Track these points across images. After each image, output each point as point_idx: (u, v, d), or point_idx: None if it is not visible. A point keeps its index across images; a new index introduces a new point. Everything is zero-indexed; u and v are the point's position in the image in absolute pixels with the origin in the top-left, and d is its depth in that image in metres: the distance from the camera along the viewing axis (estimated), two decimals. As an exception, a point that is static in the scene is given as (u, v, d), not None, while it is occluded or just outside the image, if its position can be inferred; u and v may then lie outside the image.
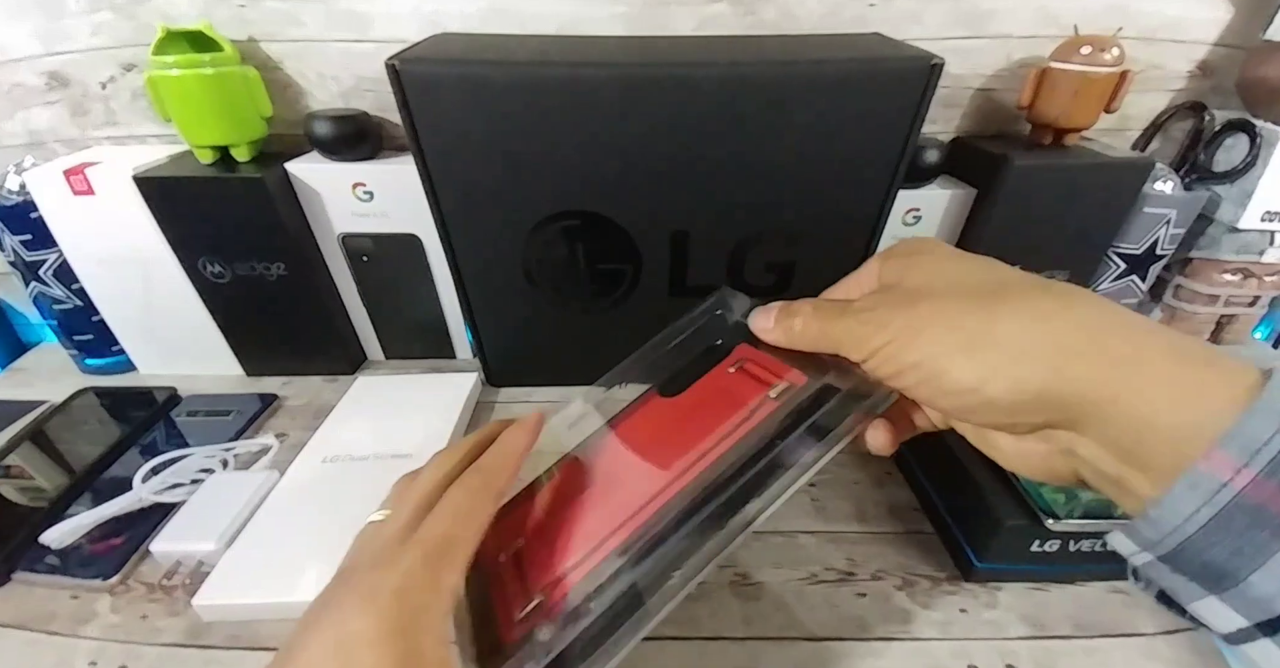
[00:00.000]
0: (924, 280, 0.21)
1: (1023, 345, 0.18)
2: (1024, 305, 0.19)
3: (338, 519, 0.38)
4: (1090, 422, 0.17)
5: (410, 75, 0.36)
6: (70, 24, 0.47)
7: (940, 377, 0.19)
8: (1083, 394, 0.17)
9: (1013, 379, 0.18)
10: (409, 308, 0.54)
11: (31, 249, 0.48)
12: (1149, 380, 0.16)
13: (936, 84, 0.37)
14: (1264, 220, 0.48)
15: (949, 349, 0.19)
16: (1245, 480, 0.14)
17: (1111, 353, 0.17)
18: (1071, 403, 0.17)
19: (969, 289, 0.20)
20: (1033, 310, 0.18)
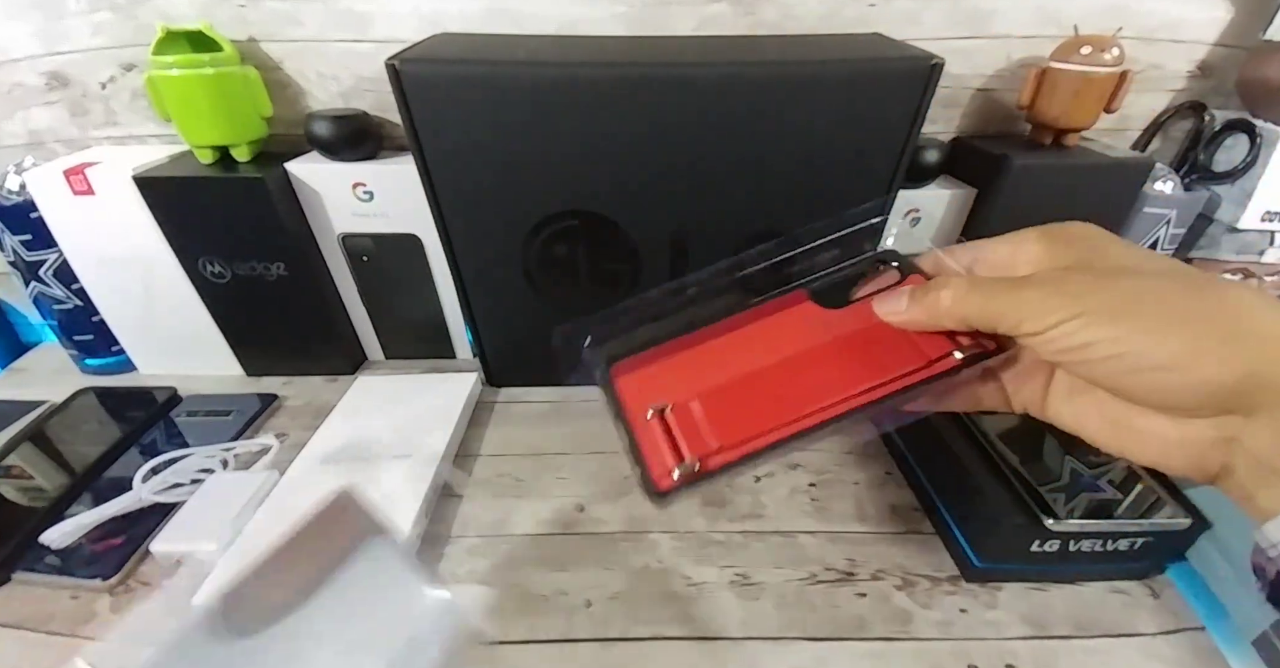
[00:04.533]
0: (1118, 261, 0.21)
1: (1233, 327, 0.18)
2: (1227, 291, 0.19)
3: (338, 519, 0.38)
4: (1273, 406, 0.18)
5: (410, 75, 0.36)
6: (70, 24, 0.47)
7: (1141, 354, 0.19)
8: (1278, 379, 0.17)
9: (1222, 358, 0.18)
10: (409, 308, 0.54)
11: (31, 249, 0.48)
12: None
13: (936, 84, 0.37)
14: (1264, 220, 0.48)
15: (1158, 325, 0.19)
16: None
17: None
18: (1265, 386, 0.18)
19: (1166, 272, 0.20)
20: (1236, 297, 0.19)
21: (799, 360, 0.25)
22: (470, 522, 0.41)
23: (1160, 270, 0.21)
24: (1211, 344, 0.18)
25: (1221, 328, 0.18)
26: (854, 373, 0.24)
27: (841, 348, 0.25)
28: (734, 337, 0.27)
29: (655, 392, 0.25)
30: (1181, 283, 0.20)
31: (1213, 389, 0.18)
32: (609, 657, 0.33)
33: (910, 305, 0.24)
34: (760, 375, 0.25)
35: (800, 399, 0.23)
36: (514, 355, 0.52)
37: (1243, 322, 0.18)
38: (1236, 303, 0.19)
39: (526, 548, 0.39)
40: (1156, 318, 0.19)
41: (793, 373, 0.25)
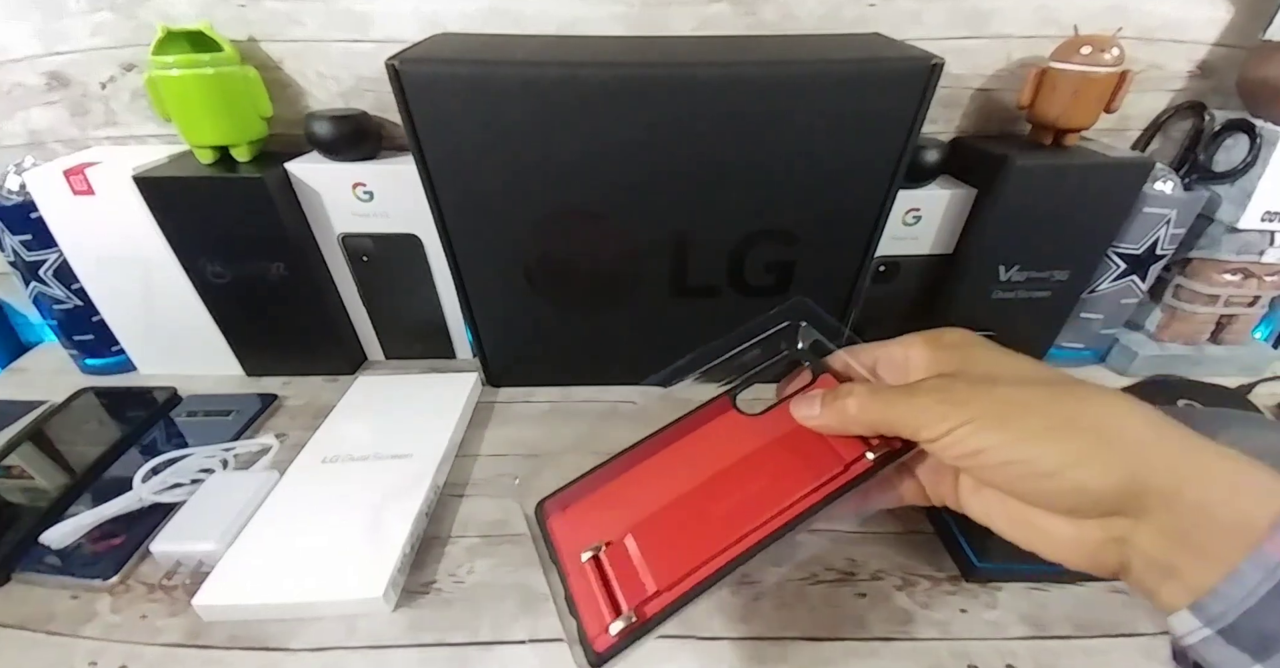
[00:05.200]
0: (989, 369, 0.23)
1: (1111, 433, 0.19)
2: (1101, 398, 0.20)
3: (338, 519, 0.38)
4: (1156, 510, 0.19)
5: (410, 75, 0.36)
6: (70, 24, 0.47)
7: (1027, 461, 0.20)
8: (1159, 482, 0.19)
9: (1103, 464, 0.19)
10: (409, 308, 0.54)
11: (31, 249, 0.48)
12: (1207, 475, 0.18)
13: (936, 84, 0.37)
14: (1264, 220, 0.47)
15: (1037, 433, 0.20)
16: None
17: (1177, 447, 0.19)
18: (1148, 489, 0.19)
19: (1041, 379, 0.22)
20: (1108, 403, 0.20)
21: (728, 476, 0.26)
22: (470, 522, 0.41)
23: (1030, 377, 0.22)
24: (1090, 452, 0.19)
25: (1096, 436, 0.19)
26: (781, 484, 0.25)
27: (767, 457, 0.26)
28: (665, 455, 0.27)
29: (588, 530, 0.25)
30: (1052, 390, 0.21)
31: (1095, 495, 0.19)
32: (609, 657, 0.33)
33: (823, 411, 0.25)
34: (692, 497, 0.25)
35: (733, 520, 0.24)
36: (514, 355, 0.52)
37: (1114, 429, 0.19)
38: (1106, 410, 0.20)
39: (527, 548, 0.39)
40: (1036, 426, 0.20)
41: (724, 490, 0.25)
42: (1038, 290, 0.51)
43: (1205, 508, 0.18)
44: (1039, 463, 0.20)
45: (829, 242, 0.45)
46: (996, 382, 0.22)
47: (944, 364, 0.24)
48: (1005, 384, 0.22)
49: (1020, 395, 0.21)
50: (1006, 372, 0.23)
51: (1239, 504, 0.18)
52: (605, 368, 0.53)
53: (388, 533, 0.37)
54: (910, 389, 0.23)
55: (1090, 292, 0.52)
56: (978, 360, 0.23)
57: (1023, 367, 0.23)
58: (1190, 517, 0.18)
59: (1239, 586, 0.17)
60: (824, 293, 0.48)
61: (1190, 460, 0.19)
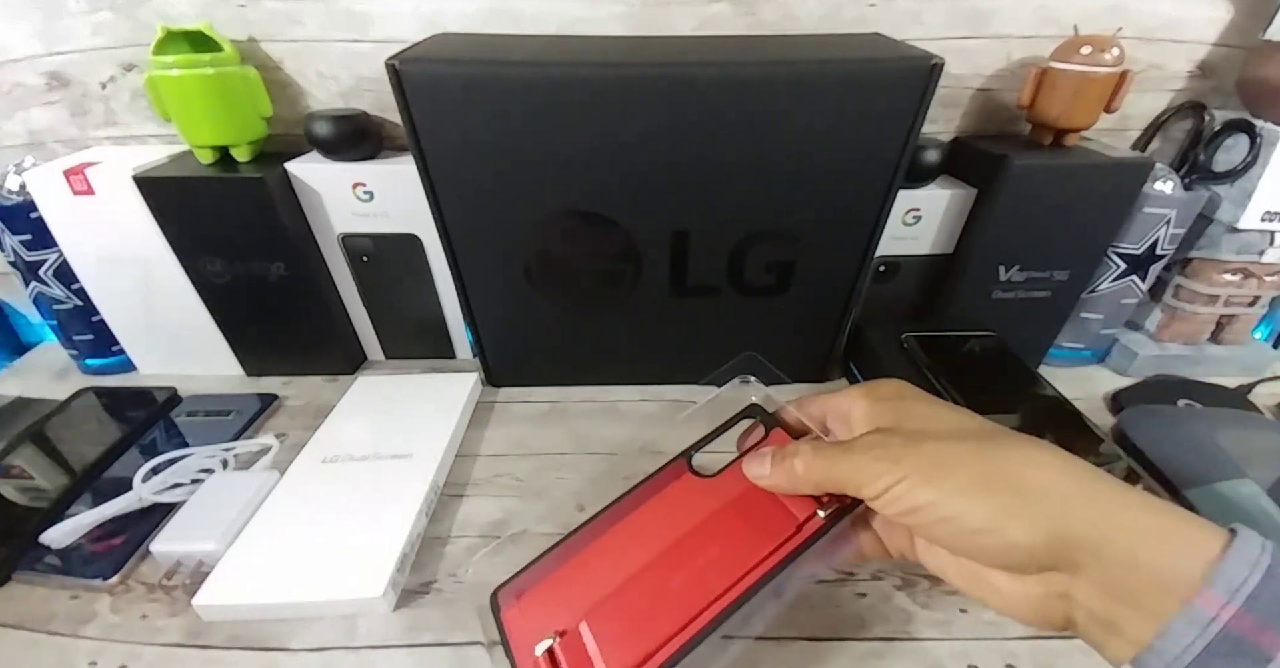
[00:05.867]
0: (921, 423, 0.23)
1: (1033, 488, 0.20)
2: (1022, 451, 0.21)
3: (338, 519, 0.38)
4: (1088, 563, 0.19)
5: (410, 75, 0.36)
6: (70, 24, 0.47)
7: (959, 517, 0.20)
8: (1085, 535, 0.19)
9: (1029, 519, 0.19)
10: (409, 308, 0.54)
11: (31, 249, 0.48)
12: (1137, 529, 0.19)
13: (936, 84, 0.37)
14: (1264, 220, 0.47)
15: (964, 488, 0.20)
16: (1229, 614, 0.17)
17: (1101, 499, 0.19)
18: (1075, 544, 0.19)
19: (967, 432, 0.22)
20: (1030, 457, 0.21)
21: (684, 546, 0.25)
22: (470, 522, 0.41)
23: (957, 430, 0.22)
24: (1015, 507, 0.19)
25: (1018, 491, 0.20)
26: (737, 552, 0.24)
27: (722, 522, 0.26)
28: (621, 528, 0.26)
29: (542, 619, 0.24)
30: (978, 445, 0.21)
31: (1024, 550, 0.19)
32: (609, 657, 0.33)
33: (772, 471, 0.25)
34: (647, 574, 0.25)
35: (689, 595, 0.24)
36: (514, 355, 0.52)
37: (1036, 483, 0.20)
38: (1028, 463, 0.20)
39: (527, 548, 0.39)
40: (963, 481, 0.20)
41: (679, 562, 0.25)
42: (1038, 290, 0.51)
43: (1133, 561, 0.18)
44: (968, 519, 0.20)
45: (829, 242, 0.45)
46: (927, 437, 0.22)
47: (881, 417, 0.24)
48: (935, 439, 0.22)
49: (948, 451, 0.21)
50: (936, 425, 0.23)
51: (1167, 557, 0.18)
52: (605, 368, 0.53)
53: (388, 533, 0.37)
54: (848, 447, 0.23)
55: (1090, 292, 0.52)
56: (911, 414, 0.24)
57: (951, 419, 0.23)
58: (1120, 570, 0.18)
59: (1174, 642, 0.17)
60: (824, 293, 0.48)
61: (1114, 513, 0.19)
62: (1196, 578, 0.17)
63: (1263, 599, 0.17)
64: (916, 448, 0.22)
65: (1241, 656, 0.17)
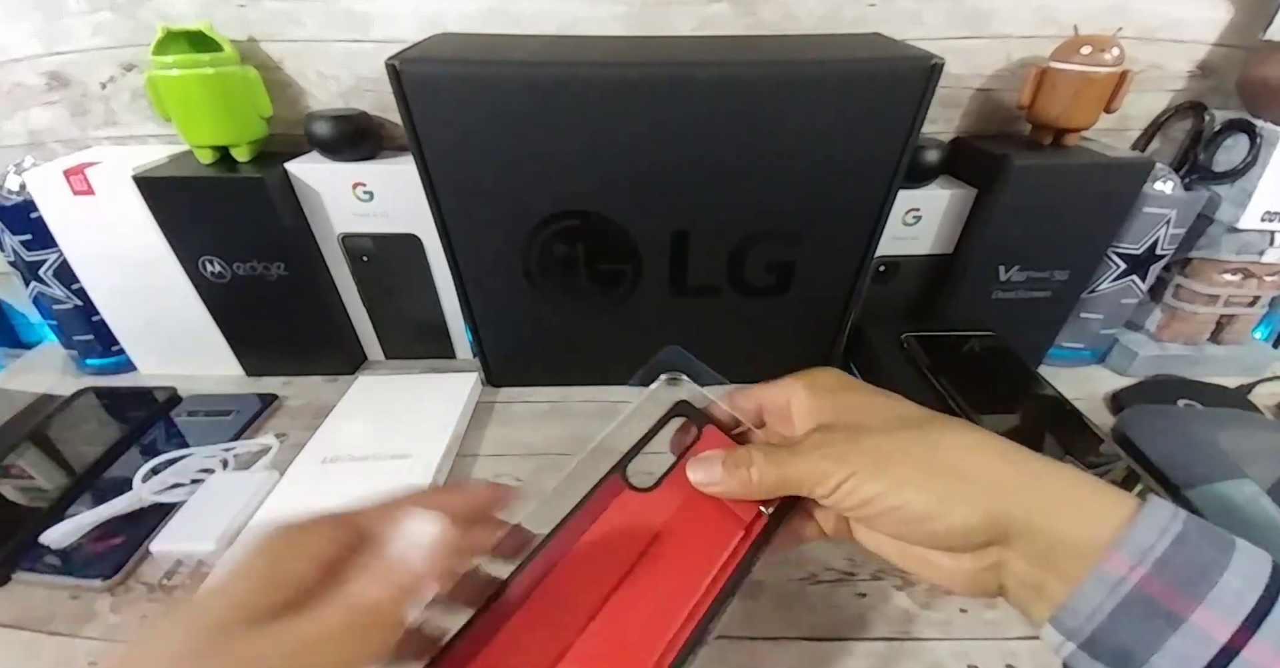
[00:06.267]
0: (860, 416, 0.24)
1: (966, 471, 0.21)
2: (951, 436, 0.22)
3: (338, 519, 0.38)
4: (1019, 537, 0.20)
5: (410, 75, 0.36)
6: (70, 24, 0.47)
7: (904, 506, 0.21)
8: (1014, 513, 0.20)
9: (966, 503, 0.20)
10: (409, 308, 0.54)
11: (31, 249, 0.48)
12: (1058, 501, 0.20)
13: (936, 84, 0.37)
14: (1264, 220, 0.47)
15: (907, 478, 0.21)
16: (1138, 576, 0.18)
17: (1027, 477, 0.20)
18: (1008, 520, 0.20)
19: (904, 421, 0.23)
20: (960, 440, 0.22)
21: (638, 574, 0.23)
22: (470, 522, 0.41)
23: (893, 421, 0.23)
24: (955, 492, 0.20)
25: (957, 476, 0.21)
26: (692, 568, 0.23)
27: (670, 538, 0.24)
28: (564, 567, 0.24)
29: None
30: (914, 433, 0.22)
31: (964, 532, 0.20)
32: (609, 657, 0.33)
33: (725, 479, 0.24)
34: (606, 614, 0.23)
35: (654, 625, 0.22)
36: (514, 355, 0.52)
37: (971, 467, 0.21)
38: (963, 447, 0.21)
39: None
40: (905, 472, 0.21)
41: (636, 593, 0.23)
42: (1038, 290, 0.51)
43: (1056, 531, 0.19)
44: (913, 507, 0.21)
45: (829, 242, 0.45)
46: (869, 431, 0.23)
47: (822, 411, 0.24)
48: (876, 432, 0.23)
49: (889, 443, 0.22)
50: (875, 417, 0.23)
51: (1086, 526, 0.19)
52: (605, 368, 0.53)
53: (388, 533, 0.37)
54: (796, 449, 0.23)
55: (1090, 292, 0.52)
56: (850, 406, 0.24)
57: (887, 409, 0.24)
58: (1046, 540, 0.19)
59: (1085, 601, 0.18)
60: (824, 293, 0.48)
61: (1041, 488, 0.20)
62: (1107, 542, 0.18)
63: (1173, 564, 0.18)
64: (859, 444, 0.22)
65: (1155, 616, 0.18)
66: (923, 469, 0.21)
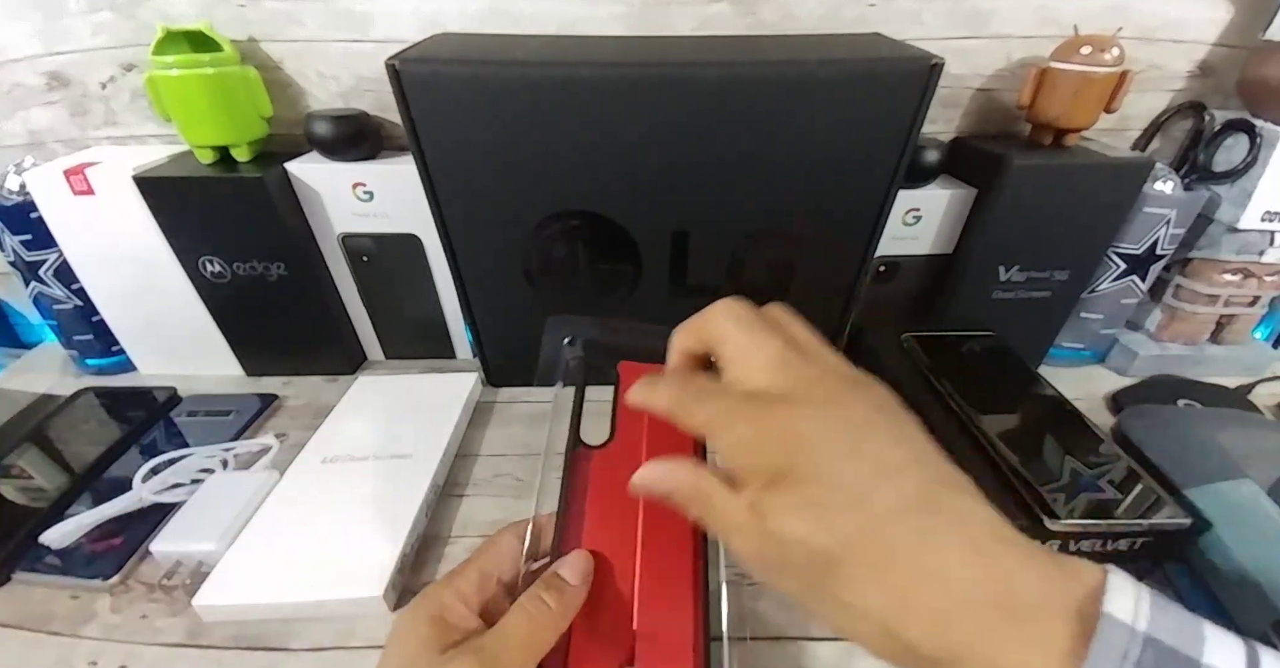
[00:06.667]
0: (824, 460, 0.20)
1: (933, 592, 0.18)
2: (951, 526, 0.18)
3: (338, 519, 0.38)
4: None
5: (410, 75, 0.36)
6: (70, 24, 0.47)
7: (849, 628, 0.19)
8: (944, 655, 0.17)
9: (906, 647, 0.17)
10: (409, 308, 0.54)
11: (31, 249, 0.48)
12: (992, 635, 0.16)
13: (936, 84, 0.37)
14: (1264, 220, 0.47)
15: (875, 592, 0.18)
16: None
17: (957, 599, 0.17)
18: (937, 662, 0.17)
19: (893, 490, 0.19)
20: (951, 536, 0.18)
21: (650, 528, 0.24)
22: (470, 522, 0.41)
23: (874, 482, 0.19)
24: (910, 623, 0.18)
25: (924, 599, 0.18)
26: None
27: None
28: (589, 545, 0.25)
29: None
30: (910, 520, 0.18)
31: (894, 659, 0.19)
32: (609, 657, 0.33)
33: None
34: (646, 568, 0.24)
35: (680, 560, 0.24)
36: (514, 355, 0.52)
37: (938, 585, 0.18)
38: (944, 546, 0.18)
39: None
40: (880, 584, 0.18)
41: (657, 541, 0.24)
42: (1038, 290, 0.51)
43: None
44: (856, 630, 0.18)
45: (829, 242, 0.45)
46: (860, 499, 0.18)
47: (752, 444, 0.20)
48: (870, 503, 0.18)
49: (888, 530, 0.18)
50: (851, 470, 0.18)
51: (1033, 661, 0.16)
52: (605, 368, 0.53)
53: (388, 533, 0.37)
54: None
55: (1090, 292, 0.52)
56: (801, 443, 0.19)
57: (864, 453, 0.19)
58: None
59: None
60: (824, 293, 0.48)
61: (969, 618, 0.16)
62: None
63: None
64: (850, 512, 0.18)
65: None
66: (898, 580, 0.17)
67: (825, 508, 0.18)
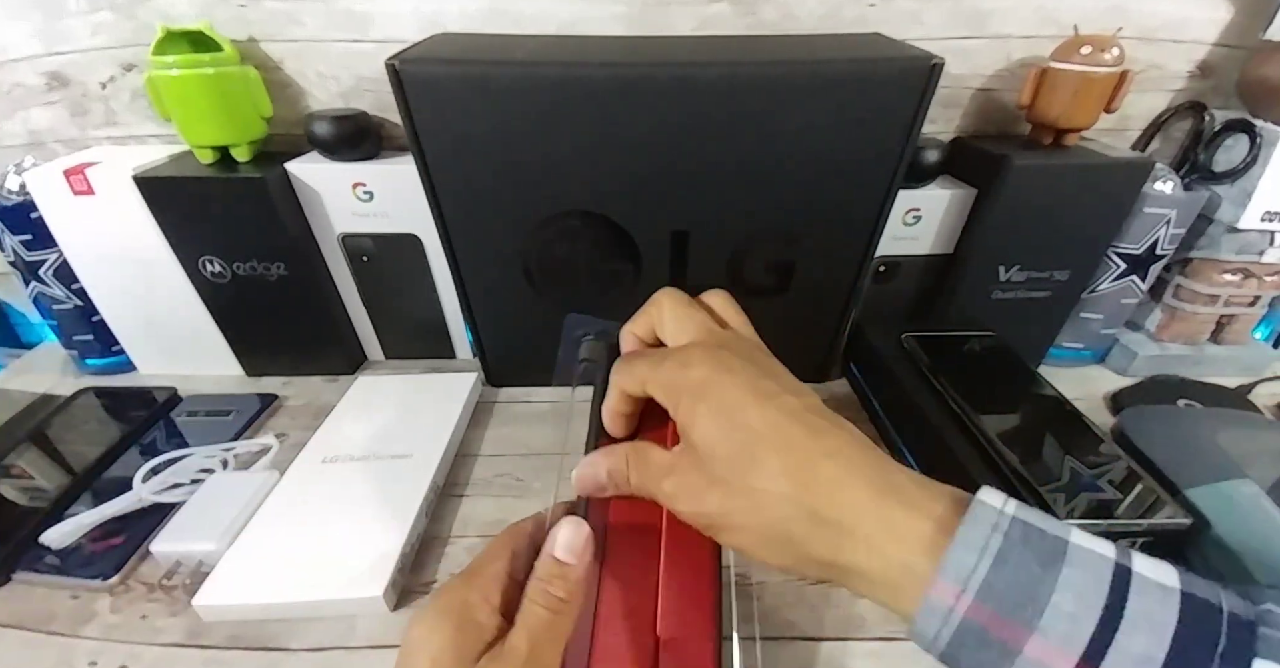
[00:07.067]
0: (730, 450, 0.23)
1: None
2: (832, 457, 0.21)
3: (338, 519, 0.38)
4: (838, 572, 0.20)
5: (410, 75, 0.36)
6: (70, 24, 0.47)
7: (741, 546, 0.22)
8: (827, 551, 0.19)
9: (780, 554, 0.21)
10: (409, 308, 0.54)
11: (31, 249, 0.48)
12: (873, 524, 0.19)
13: (936, 84, 0.37)
14: (1264, 220, 0.47)
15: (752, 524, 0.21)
16: (965, 605, 0.16)
17: (830, 498, 0.20)
18: (823, 562, 0.20)
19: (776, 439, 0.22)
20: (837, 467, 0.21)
21: (670, 548, 0.25)
22: (470, 522, 0.41)
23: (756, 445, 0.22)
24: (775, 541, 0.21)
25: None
26: None
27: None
28: (612, 551, 0.25)
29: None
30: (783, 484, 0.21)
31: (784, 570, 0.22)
32: (609, 657, 0.33)
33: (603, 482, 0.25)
34: (669, 561, 0.24)
35: (688, 549, 0.24)
36: (514, 355, 0.52)
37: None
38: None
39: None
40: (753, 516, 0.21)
41: (672, 532, 0.24)
42: (1038, 290, 0.51)
43: (881, 561, 0.18)
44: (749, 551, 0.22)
45: (829, 242, 0.45)
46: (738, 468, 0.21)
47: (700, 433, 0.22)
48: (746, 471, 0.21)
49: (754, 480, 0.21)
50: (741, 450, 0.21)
51: (908, 547, 0.18)
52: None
53: (388, 533, 0.37)
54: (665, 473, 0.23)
55: (1090, 292, 0.52)
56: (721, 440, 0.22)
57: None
58: (870, 573, 0.19)
59: (925, 630, 0.17)
60: (824, 293, 0.48)
61: (850, 513, 0.19)
62: (930, 567, 0.17)
63: (996, 588, 0.16)
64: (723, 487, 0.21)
65: (988, 648, 0.16)
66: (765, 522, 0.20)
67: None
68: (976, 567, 0.16)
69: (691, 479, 0.21)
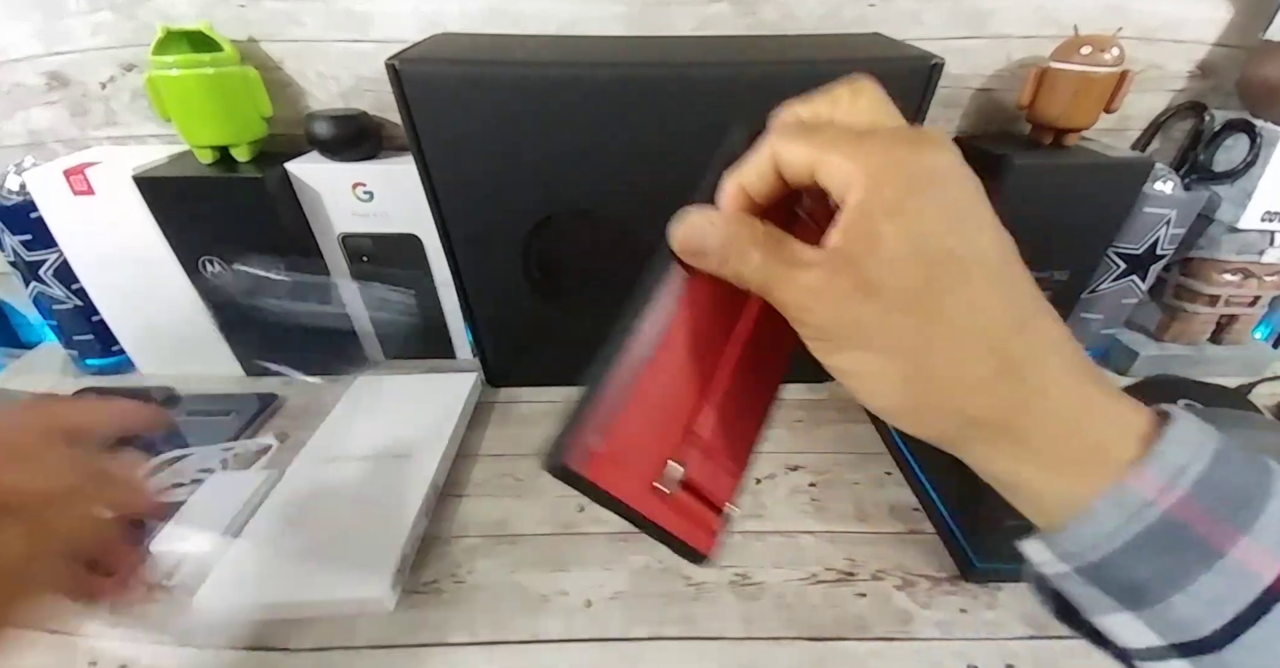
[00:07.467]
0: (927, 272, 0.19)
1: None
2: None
3: (338, 519, 0.38)
4: (1001, 436, 0.17)
5: (410, 75, 0.36)
6: (70, 24, 0.47)
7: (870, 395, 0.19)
8: (994, 414, 0.17)
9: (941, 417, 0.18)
10: (409, 308, 0.54)
11: (31, 249, 0.48)
12: (1058, 399, 0.16)
13: (936, 84, 0.37)
14: (1264, 220, 0.47)
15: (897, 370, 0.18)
16: (1171, 500, 0.14)
17: (1021, 359, 0.17)
18: (985, 423, 0.17)
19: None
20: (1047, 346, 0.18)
21: (741, 336, 0.23)
22: (470, 522, 0.41)
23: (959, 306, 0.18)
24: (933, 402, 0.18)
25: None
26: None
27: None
28: (671, 339, 0.23)
29: (641, 460, 0.21)
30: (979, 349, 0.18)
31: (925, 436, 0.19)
32: (609, 657, 0.33)
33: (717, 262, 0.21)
34: (721, 372, 0.23)
35: (755, 368, 0.23)
36: (514, 355, 0.52)
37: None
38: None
39: (526, 548, 0.39)
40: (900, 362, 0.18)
41: (740, 345, 0.23)
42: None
43: (1059, 432, 0.16)
44: (880, 402, 0.18)
45: (829, 242, 0.45)
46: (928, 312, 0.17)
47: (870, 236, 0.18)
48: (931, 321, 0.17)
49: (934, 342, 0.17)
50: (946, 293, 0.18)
51: (1095, 430, 0.16)
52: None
53: (388, 533, 0.37)
54: (799, 264, 0.19)
55: (1090, 292, 0.52)
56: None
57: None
58: (1040, 442, 0.16)
59: (1095, 524, 0.15)
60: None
61: (1036, 381, 0.16)
62: (1128, 457, 0.15)
63: (1214, 486, 0.14)
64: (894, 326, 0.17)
65: (1184, 549, 0.14)
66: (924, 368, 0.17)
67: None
68: (1188, 466, 0.15)
69: (842, 281, 0.17)
